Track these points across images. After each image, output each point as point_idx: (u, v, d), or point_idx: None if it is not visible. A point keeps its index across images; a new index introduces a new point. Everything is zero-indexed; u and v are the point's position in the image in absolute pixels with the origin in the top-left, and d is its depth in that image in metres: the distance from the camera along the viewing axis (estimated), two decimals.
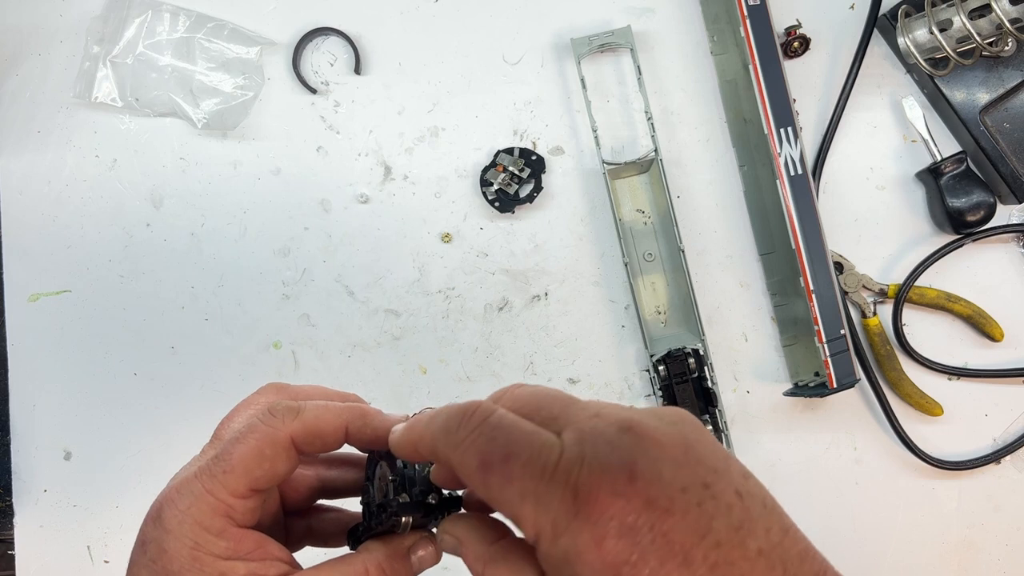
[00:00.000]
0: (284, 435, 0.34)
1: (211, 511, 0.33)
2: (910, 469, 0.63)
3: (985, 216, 0.62)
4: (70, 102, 0.64)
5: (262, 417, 0.35)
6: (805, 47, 0.64)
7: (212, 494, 0.33)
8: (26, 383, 0.63)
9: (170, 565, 0.32)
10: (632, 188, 0.64)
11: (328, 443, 0.36)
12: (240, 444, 0.34)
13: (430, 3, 0.65)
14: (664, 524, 0.26)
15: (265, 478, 0.34)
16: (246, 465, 0.33)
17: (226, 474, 0.33)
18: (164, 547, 0.32)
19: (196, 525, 0.32)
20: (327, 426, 0.36)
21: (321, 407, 0.36)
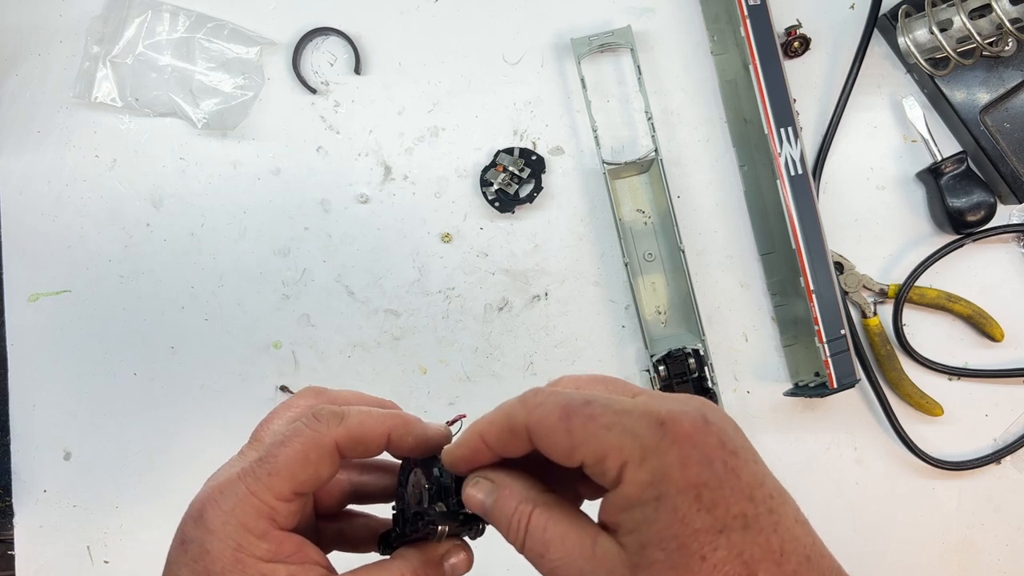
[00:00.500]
0: (329, 440, 0.35)
1: (255, 513, 0.33)
2: (910, 469, 0.63)
3: (985, 216, 0.62)
4: (70, 102, 0.64)
5: (307, 421, 0.35)
6: (805, 47, 0.64)
7: (256, 496, 0.33)
8: (26, 383, 0.63)
9: (212, 566, 0.32)
10: (632, 188, 0.64)
11: (371, 449, 0.36)
12: (285, 447, 0.34)
13: (430, 3, 0.65)
14: (734, 462, 0.30)
15: (309, 482, 0.34)
16: (291, 469, 0.33)
17: (271, 476, 0.33)
18: (206, 547, 0.33)
19: (240, 526, 0.33)
20: (371, 432, 0.36)
21: (365, 413, 0.36)
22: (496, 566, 0.63)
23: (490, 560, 0.64)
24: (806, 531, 0.31)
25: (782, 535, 0.30)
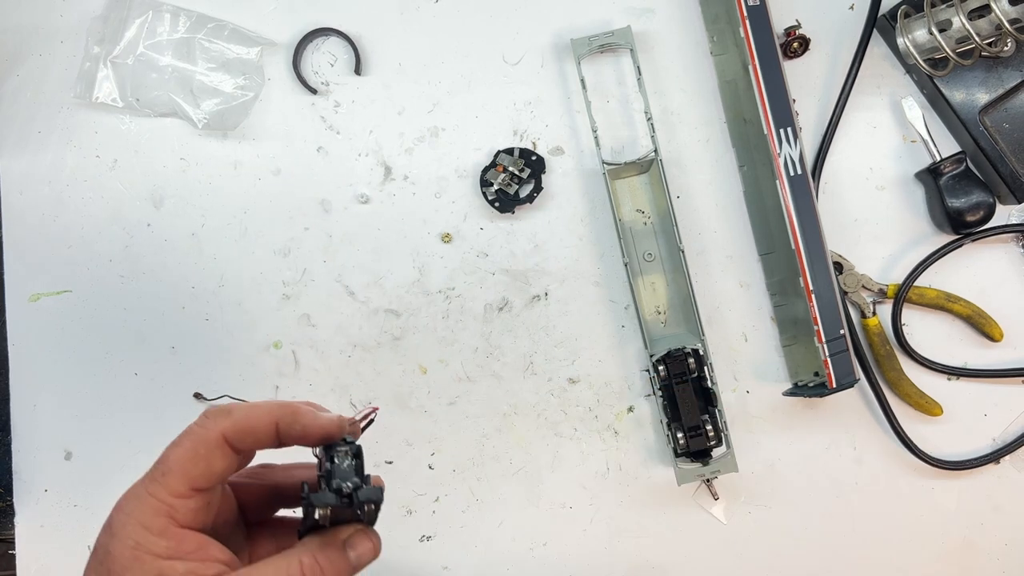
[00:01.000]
0: (216, 434, 0.36)
1: (152, 511, 0.34)
2: (910, 469, 0.63)
3: (984, 216, 0.62)
4: (71, 102, 0.64)
5: (197, 421, 0.36)
6: (805, 47, 0.64)
7: (153, 495, 0.34)
8: (27, 383, 0.63)
9: (113, 566, 0.33)
10: (632, 188, 0.64)
11: (260, 439, 0.37)
12: (176, 447, 0.35)
13: (430, 3, 0.65)
14: None
15: (203, 477, 0.35)
16: (182, 465, 0.35)
17: (165, 476, 0.34)
18: (109, 549, 0.34)
19: (138, 525, 0.34)
20: (257, 423, 0.37)
21: (251, 406, 0.37)
22: (497, 565, 0.63)
23: (490, 560, 0.64)
24: None
25: None
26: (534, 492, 0.63)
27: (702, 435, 0.58)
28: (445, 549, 0.62)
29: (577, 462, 0.63)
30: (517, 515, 0.62)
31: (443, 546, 0.62)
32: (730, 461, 0.58)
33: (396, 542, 0.62)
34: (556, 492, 0.63)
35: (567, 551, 0.62)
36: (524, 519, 0.62)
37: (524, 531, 0.62)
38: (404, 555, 0.62)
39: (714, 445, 0.58)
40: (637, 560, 0.62)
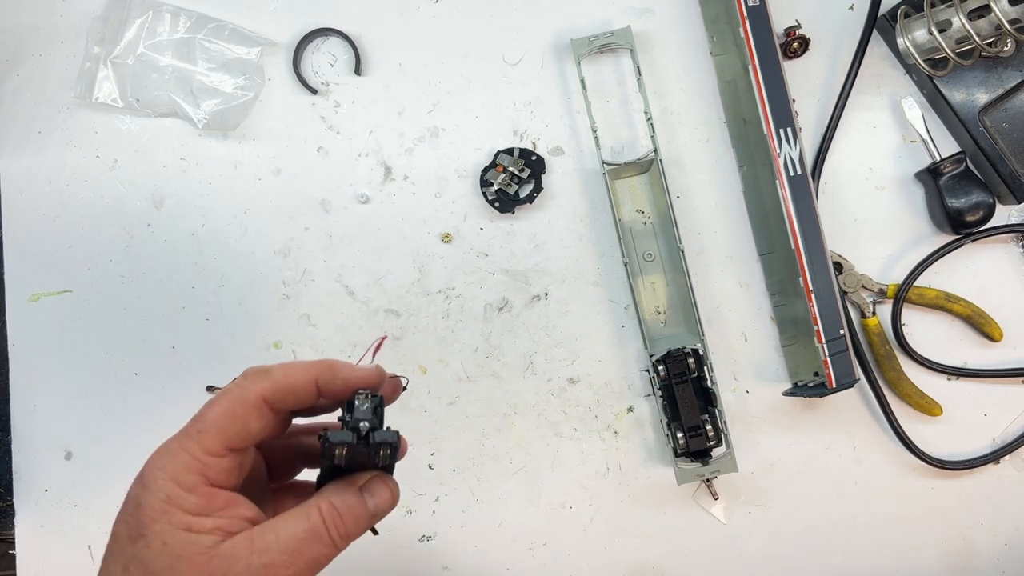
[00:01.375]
0: (254, 394, 0.36)
1: (184, 468, 0.34)
2: (910, 469, 0.63)
3: (984, 216, 0.62)
4: (71, 102, 0.64)
5: (235, 381, 0.36)
6: (804, 48, 0.64)
7: (187, 452, 0.35)
8: (27, 383, 0.63)
9: (143, 516, 0.34)
10: (632, 188, 0.64)
11: (301, 397, 0.38)
12: (214, 406, 0.36)
13: (430, 3, 0.65)
14: None
15: (238, 437, 0.36)
16: (219, 424, 0.35)
17: (200, 433, 0.35)
18: (140, 501, 0.34)
19: (170, 480, 0.34)
20: (296, 381, 0.37)
21: (289, 365, 0.37)
22: (497, 565, 0.63)
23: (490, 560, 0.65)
24: None
25: None
26: (534, 492, 0.63)
27: (702, 435, 0.58)
28: (445, 549, 0.62)
29: (577, 462, 0.63)
30: (517, 515, 0.62)
31: (443, 546, 0.62)
32: (730, 461, 0.58)
33: (396, 542, 0.62)
34: (556, 492, 0.63)
35: (567, 551, 0.62)
36: (524, 519, 0.62)
37: (524, 531, 0.62)
38: (404, 555, 0.62)
39: (714, 445, 0.58)
40: (637, 560, 0.62)
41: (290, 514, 0.36)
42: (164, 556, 0.34)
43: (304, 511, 0.36)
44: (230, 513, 0.35)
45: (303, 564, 0.35)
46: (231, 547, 0.34)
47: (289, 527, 0.36)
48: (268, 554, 0.35)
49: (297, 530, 0.36)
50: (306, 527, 0.36)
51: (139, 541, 0.34)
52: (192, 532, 0.34)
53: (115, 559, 0.34)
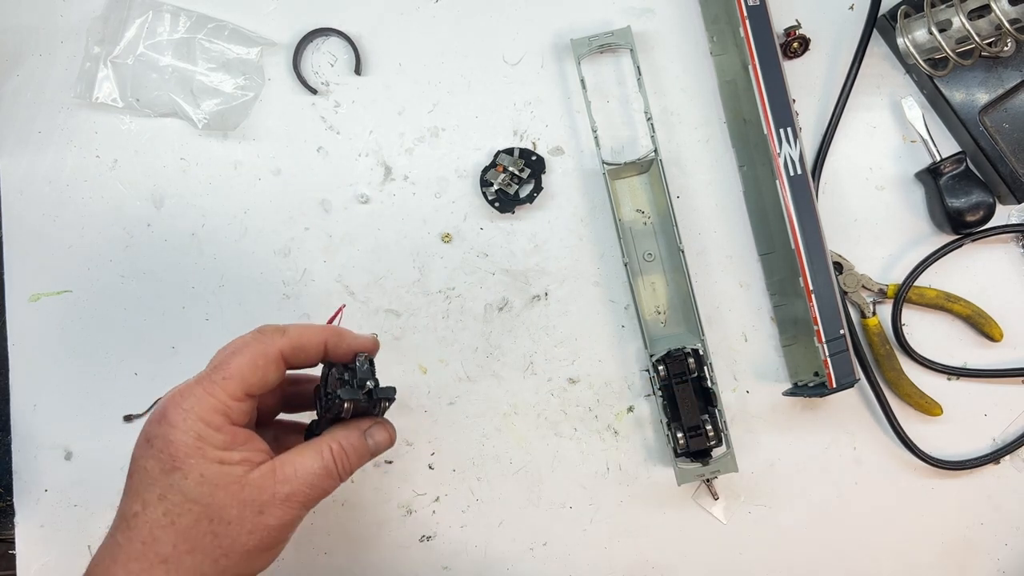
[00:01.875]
0: (275, 349, 0.42)
1: (211, 410, 0.40)
2: (910, 469, 0.63)
3: (984, 216, 0.62)
4: (71, 102, 0.64)
5: (254, 336, 0.42)
6: (805, 47, 0.64)
7: (213, 396, 0.40)
8: (27, 383, 0.63)
9: (176, 452, 0.39)
10: (632, 188, 0.64)
11: (310, 356, 0.44)
12: (237, 356, 0.41)
13: (430, 3, 0.65)
14: None
15: (258, 385, 0.42)
16: (242, 373, 0.41)
17: (225, 380, 0.40)
18: (170, 439, 0.40)
19: (199, 420, 0.40)
20: (309, 342, 0.44)
21: (303, 327, 0.44)
22: (497, 565, 0.63)
23: (490, 560, 0.65)
24: None
25: None
26: (534, 492, 0.63)
27: (702, 435, 0.58)
28: (445, 549, 0.62)
29: (577, 462, 0.63)
30: (517, 515, 0.62)
31: (443, 546, 0.62)
32: (730, 461, 0.58)
33: (396, 542, 0.62)
34: (556, 492, 0.63)
35: (567, 551, 0.62)
36: (524, 519, 0.62)
37: (524, 531, 0.62)
38: (404, 555, 0.62)
39: (714, 445, 0.58)
40: (637, 560, 0.62)
41: (305, 451, 0.43)
42: (203, 486, 0.39)
43: (317, 449, 0.43)
44: (251, 447, 0.42)
45: (316, 494, 0.43)
46: (258, 476, 0.41)
47: (306, 463, 0.42)
48: (289, 485, 0.42)
49: (314, 466, 0.43)
50: (320, 464, 0.43)
51: (175, 474, 0.39)
52: (224, 464, 0.40)
53: (148, 488, 0.40)
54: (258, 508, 0.41)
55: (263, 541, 0.41)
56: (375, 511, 0.62)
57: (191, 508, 0.39)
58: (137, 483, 0.40)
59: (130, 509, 0.40)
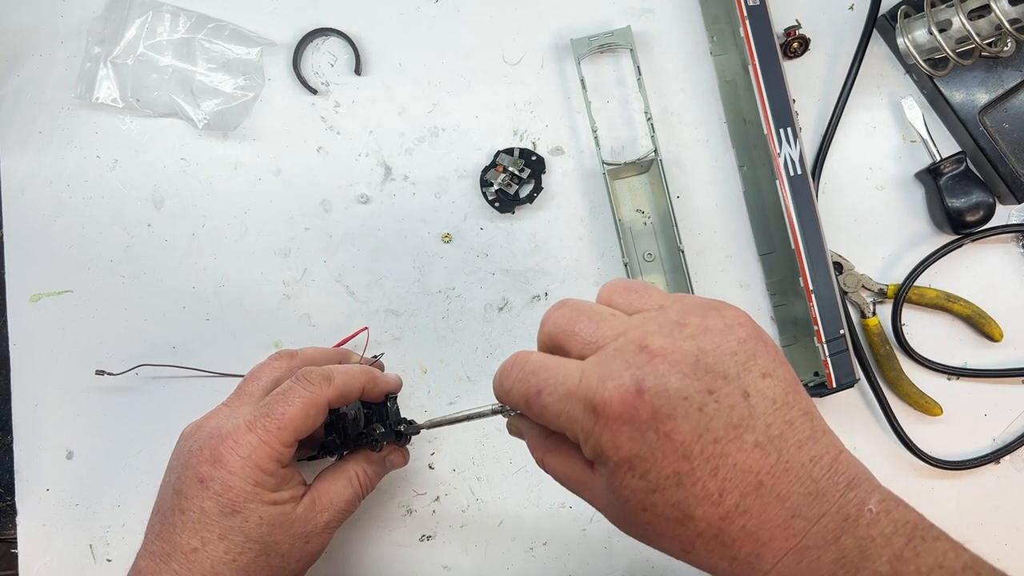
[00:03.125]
0: (324, 399, 0.46)
1: (268, 458, 0.43)
2: (909, 469, 0.63)
3: (984, 216, 0.62)
4: (71, 103, 0.65)
5: (302, 384, 0.46)
6: (805, 47, 0.64)
7: (269, 445, 0.43)
8: (28, 383, 0.64)
9: (236, 498, 0.43)
10: (632, 188, 0.64)
11: (349, 401, 0.49)
12: (291, 406, 0.44)
13: (430, 3, 0.65)
14: (666, 426, 0.32)
15: (306, 431, 0.45)
16: (296, 424, 0.44)
17: (280, 430, 0.44)
18: (229, 484, 0.43)
19: (256, 468, 0.43)
20: (352, 389, 0.48)
21: (345, 374, 0.47)
22: (497, 565, 0.63)
23: (490, 560, 0.65)
24: (764, 455, 0.32)
25: (723, 477, 0.32)
26: (534, 492, 0.63)
27: None
28: (445, 549, 0.62)
29: None
30: (517, 515, 0.63)
31: (443, 546, 0.62)
32: None
33: (396, 542, 0.62)
34: (556, 492, 0.63)
35: (567, 551, 0.62)
36: (524, 519, 0.63)
37: (524, 531, 0.62)
38: (404, 555, 0.62)
39: None
40: (637, 560, 0.63)
41: (336, 480, 0.48)
42: (261, 527, 0.43)
43: (347, 477, 0.49)
44: (293, 483, 0.46)
45: (346, 517, 0.49)
46: (303, 510, 0.46)
47: (339, 491, 0.48)
48: (327, 513, 0.47)
49: (346, 494, 0.48)
50: (351, 491, 0.49)
51: (235, 516, 0.43)
52: (277, 504, 0.44)
53: (207, 528, 0.42)
54: (305, 539, 0.46)
55: (307, 565, 0.47)
56: (375, 511, 0.62)
57: (251, 547, 0.43)
58: (195, 521, 0.43)
59: (187, 543, 0.43)
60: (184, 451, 0.46)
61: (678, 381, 0.33)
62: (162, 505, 0.46)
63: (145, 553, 0.45)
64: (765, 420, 0.33)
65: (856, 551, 0.30)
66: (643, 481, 0.33)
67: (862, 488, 0.32)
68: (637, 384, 0.33)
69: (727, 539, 0.32)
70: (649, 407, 0.32)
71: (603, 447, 0.33)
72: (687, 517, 0.33)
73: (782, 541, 0.32)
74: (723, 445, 0.32)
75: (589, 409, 0.34)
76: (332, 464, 0.51)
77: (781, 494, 0.32)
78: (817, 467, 0.33)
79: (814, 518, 0.32)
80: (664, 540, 0.35)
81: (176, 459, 0.47)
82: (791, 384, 0.35)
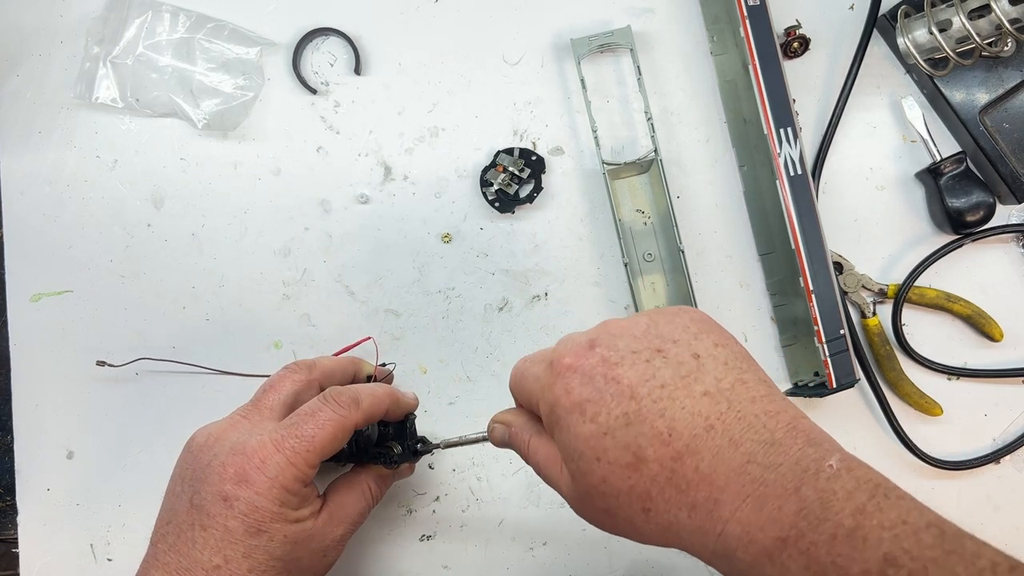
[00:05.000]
0: (352, 423, 0.46)
1: (293, 478, 0.43)
2: (910, 469, 0.63)
3: (984, 216, 0.62)
4: (71, 103, 0.65)
5: (332, 406, 0.46)
6: (805, 47, 0.64)
7: (295, 466, 0.43)
8: (28, 383, 0.64)
9: (262, 518, 0.43)
10: (632, 188, 0.64)
11: (373, 422, 0.50)
12: (321, 430, 0.44)
13: (430, 3, 0.65)
14: (614, 372, 0.35)
15: (331, 453, 0.45)
16: (323, 446, 0.44)
17: (308, 452, 0.44)
18: (255, 505, 0.42)
19: (282, 489, 0.43)
20: (377, 411, 0.48)
21: (372, 396, 0.48)
22: (497, 565, 0.63)
23: (490, 560, 0.65)
24: (713, 402, 0.33)
25: (671, 416, 0.33)
26: (534, 492, 0.63)
27: None
28: (445, 549, 0.62)
29: None
30: (517, 515, 0.63)
31: (443, 546, 0.62)
32: None
33: (396, 542, 0.62)
34: (556, 492, 0.63)
35: (567, 551, 0.62)
36: (524, 519, 0.63)
37: (524, 531, 0.62)
38: (404, 555, 0.62)
39: None
40: (637, 560, 0.63)
41: (350, 492, 0.49)
42: (285, 545, 0.43)
43: (360, 490, 0.50)
44: (312, 499, 0.46)
45: (357, 528, 0.49)
46: (321, 525, 0.46)
47: (353, 504, 0.49)
48: (343, 526, 0.48)
49: (360, 506, 0.49)
50: (364, 504, 0.50)
51: (261, 536, 0.43)
52: (299, 522, 0.44)
53: (231, 547, 0.42)
54: (323, 552, 0.47)
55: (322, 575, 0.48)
56: (375, 510, 0.62)
57: (275, 565, 0.43)
58: (218, 539, 0.42)
59: (210, 560, 0.42)
60: (202, 464, 0.45)
61: (629, 341, 0.36)
62: (175, 516, 0.44)
63: (158, 563, 0.43)
64: (715, 375, 0.35)
65: (817, 503, 0.29)
66: (593, 424, 0.34)
67: (822, 447, 0.32)
68: (591, 342, 0.36)
69: (681, 482, 0.32)
70: (598, 356, 0.35)
71: (556, 396, 0.36)
72: (639, 459, 0.33)
73: (739, 487, 0.31)
74: (670, 390, 0.34)
75: (548, 366, 0.37)
76: (345, 476, 0.51)
77: (734, 439, 0.32)
78: (772, 421, 0.33)
79: (771, 466, 0.31)
80: (622, 500, 0.34)
81: (191, 469, 0.45)
82: (745, 356, 0.37)
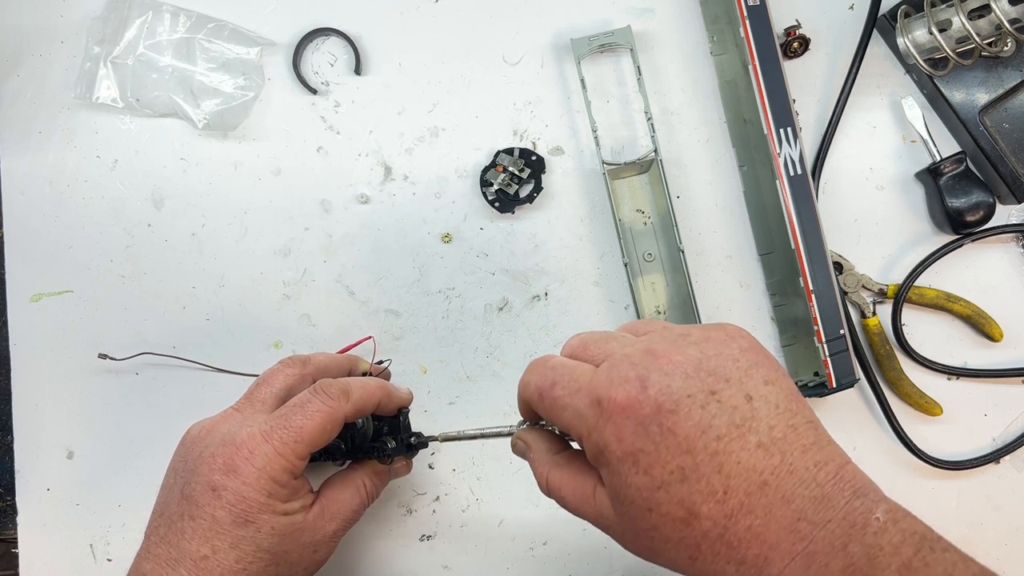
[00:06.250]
0: (341, 414, 0.45)
1: (282, 470, 0.43)
2: (909, 469, 0.63)
3: (984, 216, 0.62)
4: (71, 103, 0.65)
5: (321, 397, 0.45)
6: (805, 47, 0.64)
7: (284, 457, 0.43)
8: (28, 383, 0.64)
9: (250, 508, 0.42)
10: (632, 188, 0.64)
11: (364, 415, 0.49)
12: (310, 421, 0.44)
13: (430, 3, 0.65)
14: (669, 421, 0.33)
15: (321, 445, 0.45)
16: (312, 437, 0.44)
17: (297, 443, 0.43)
18: (243, 495, 0.42)
19: (270, 480, 0.43)
20: (368, 404, 0.48)
21: (362, 389, 0.47)
22: (497, 565, 0.63)
23: (490, 560, 0.65)
24: (767, 455, 0.33)
25: (727, 474, 0.32)
26: (534, 492, 0.62)
27: None
28: (445, 549, 0.62)
29: None
30: (517, 515, 0.63)
31: (443, 546, 0.62)
32: None
33: (396, 542, 0.62)
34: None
35: (567, 551, 0.62)
36: (524, 519, 0.63)
37: (524, 531, 0.62)
38: (404, 555, 0.62)
39: None
40: (637, 560, 0.62)
41: (344, 488, 0.49)
42: (273, 537, 0.43)
43: (355, 486, 0.49)
44: (302, 492, 0.46)
45: (351, 525, 0.49)
46: (312, 519, 0.46)
47: (347, 500, 0.48)
48: (335, 522, 0.47)
49: (354, 503, 0.48)
50: (359, 500, 0.49)
51: (248, 527, 0.42)
52: (288, 515, 0.44)
53: (218, 536, 0.42)
54: (313, 548, 0.46)
55: (312, 573, 0.48)
56: (375, 510, 0.62)
57: (262, 557, 0.43)
58: (206, 529, 0.42)
59: (197, 551, 0.42)
60: (193, 455, 0.45)
61: (681, 380, 0.33)
62: (167, 508, 0.45)
63: (149, 556, 0.44)
64: (768, 422, 0.33)
65: (864, 559, 0.30)
66: (647, 477, 0.33)
67: (868, 497, 0.33)
68: (642, 381, 0.34)
69: (733, 539, 0.32)
70: (652, 402, 0.33)
71: (606, 441, 0.34)
72: (692, 515, 0.32)
73: (789, 544, 0.31)
74: (726, 443, 0.32)
75: (595, 403, 0.34)
76: (339, 472, 0.51)
77: (786, 495, 0.32)
78: (822, 472, 0.33)
79: (820, 523, 0.31)
80: (670, 546, 0.34)
81: (183, 461, 0.46)
82: (794, 394, 0.35)
